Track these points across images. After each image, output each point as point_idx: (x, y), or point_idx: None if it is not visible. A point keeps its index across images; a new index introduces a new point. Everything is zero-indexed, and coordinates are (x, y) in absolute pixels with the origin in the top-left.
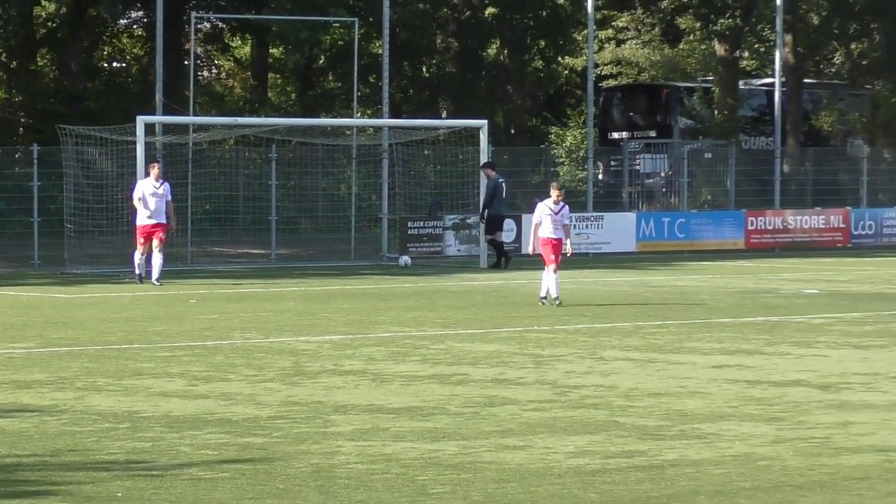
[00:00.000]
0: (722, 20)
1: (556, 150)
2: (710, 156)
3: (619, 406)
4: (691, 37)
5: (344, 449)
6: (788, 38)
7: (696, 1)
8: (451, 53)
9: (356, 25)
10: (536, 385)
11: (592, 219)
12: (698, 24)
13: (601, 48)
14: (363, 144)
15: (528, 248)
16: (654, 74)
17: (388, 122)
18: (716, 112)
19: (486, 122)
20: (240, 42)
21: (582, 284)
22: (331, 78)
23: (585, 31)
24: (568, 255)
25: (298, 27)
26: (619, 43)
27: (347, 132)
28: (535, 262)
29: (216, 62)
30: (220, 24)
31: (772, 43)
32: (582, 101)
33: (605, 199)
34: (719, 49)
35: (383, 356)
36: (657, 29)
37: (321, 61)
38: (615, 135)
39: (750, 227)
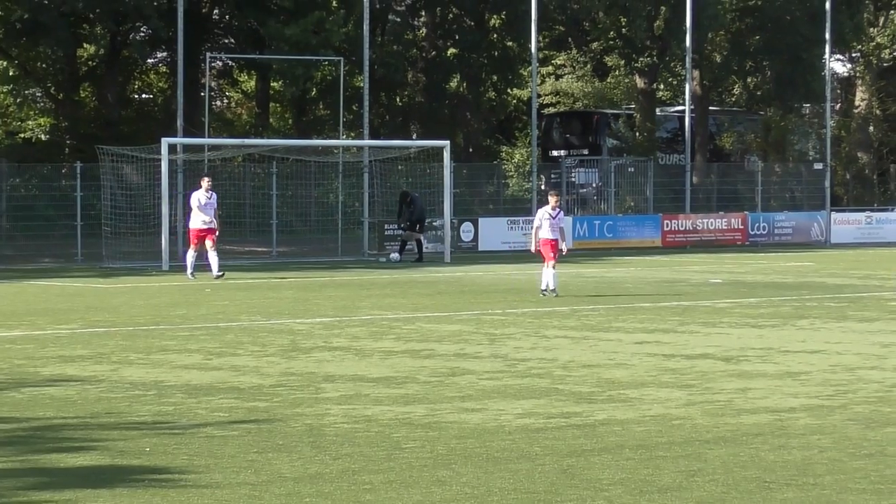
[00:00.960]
0: (641, 58)
1: (506, 166)
2: (632, 170)
3: (558, 375)
4: (617, 72)
5: (332, 411)
6: (696, 73)
7: (621, 43)
8: (420, 86)
9: (342, 63)
10: (491, 358)
11: (526, 222)
12: (622, 62)
13: (543, 82)
14: (348, 161)
15: (532, 249)
16: (587, 103)
17: (368, 142)
18: (637, 134)
19: (448, 142)
20: (246, 77)
21: (528, 276)
22: (321, 106)
23: (530, 68)
24: (564, 252)
25: (295, 65)
26: (557, 77)
27: (335, 151)
28: (485, 258)
29: (227, 94)
30: (230, 62)
31: (682, 77)
32: (527, 126)
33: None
34: (639, 82)
35: (365, 335)
36: (589, 66)
37: (313, 93)
38: (555, 153)
39: (666, 229)
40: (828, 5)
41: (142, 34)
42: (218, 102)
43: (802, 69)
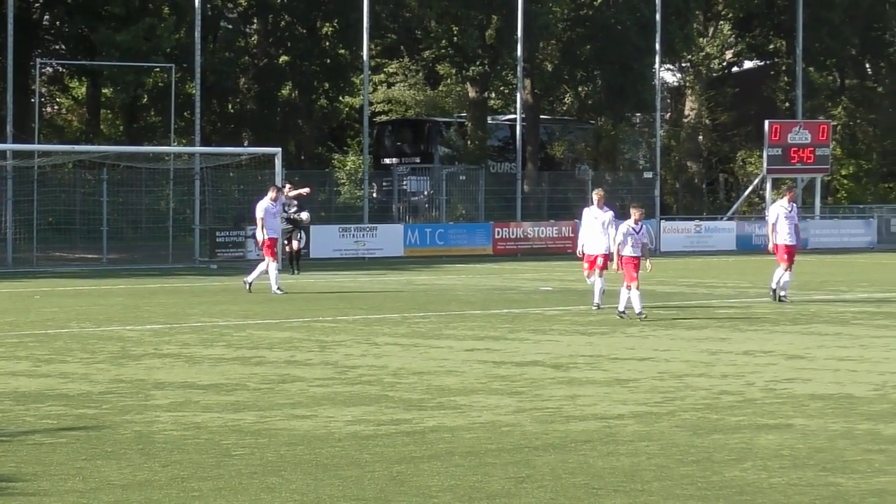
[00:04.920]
0: (473, 67)
1: (338, 173)
2: (464, 178)
3: (388, 382)
4: (448, 81)
5: (162, 418)
6: (527, 82)
7: (452, 51)
8: (252, 93)
9: (173, 70)
10: (321, 365)
11: (367, 229)
12: (454, 71)
13: (375, 89)
14: (179, 168)
15: (613, 266)
16: (419, 111)
17: (199, 149)
18: (468, 142)
19: (280, 149)
20: (77, 83)
21: (359, 283)
22: (152, 113)
23: (362, 76)
24: (648, 270)
25: (125, 71)
26: (389, 85)
27: (166, 158)
28: (316, 265)
29: (58, 100)
30: (60, 68)
31: (514, 86)
32: (359, 133)
33: (378, 213)
34: (471, 91)
35: (195, 342)
36: (420, 74)
37: (144, 99)
38: (387, 160)
39: (497, 236)
40: (658, 16)
41: None
42: (48, 108)
43: (633, 79)
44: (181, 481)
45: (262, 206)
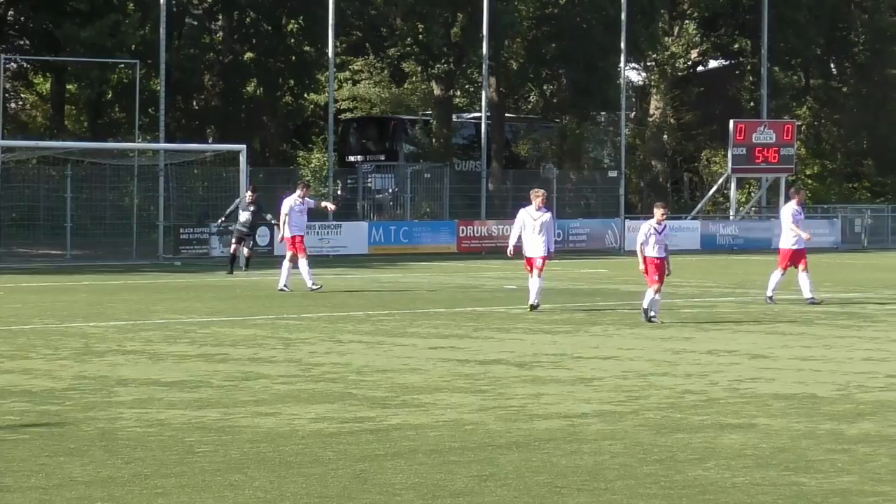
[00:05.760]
0: (438, 65)
1: (303, 171)
2: (429, 176)
3: (352, 380)
4: (414, 78)
5: (125, 415)
6: (493, 80)
7: (418, 49)
8: (217, 90)
9: (138, 67)
10: (285, 363)
11: (332, 226)
12: (419, 69)
13: (340, 87)
14: (143, 164)
15: (640, 268)
16: (384, 109)
17: (164, 146)
18: (433, 140)
19: (245, 146)
20: (42, 79)
21: (323, 280)
22: (117, 109)
23: (327, 73)
24: (669, 273)
25: (90, 67)
26: (355, 83)
27: (130, 154)
28: (280, 262)
29: (22, 95)
30: (25, 63)
31: (479, 84)
32: (324, 131)
33: (343, 210)
34: (436, 89)
35: (159, 339)
36: (386, 72)
37: (109, 96)
38: (351, 158)
39: (461, 235)
40: (623, 15)
41: None
42: (13, 104)
43: (598, 78)
44: (144, 478)
45: (288, 203)
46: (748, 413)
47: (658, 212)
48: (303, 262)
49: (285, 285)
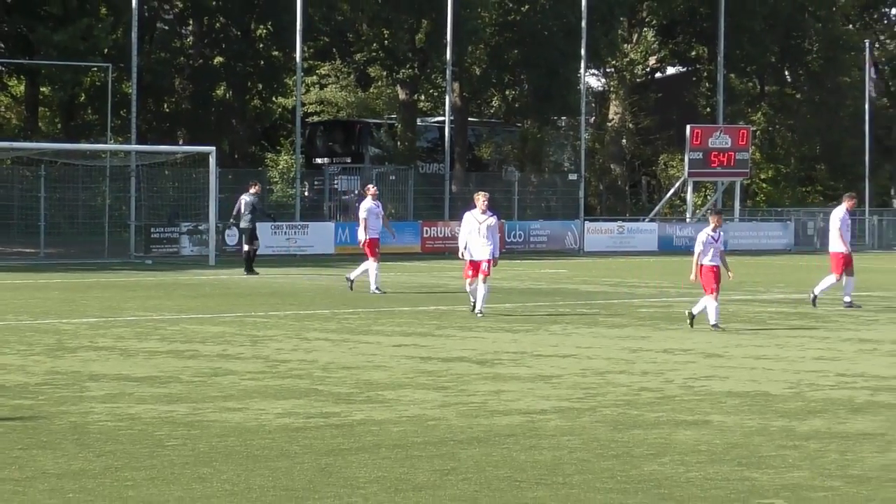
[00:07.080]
0: (403, 70)
1: (271, 172)
2: (394, 178)
3: (318, 376)
4: (379, 83)
5: (96, 410)
6: (456, 85)
7: (383, 54)
8: (187, 93)
9: (110, 70)
10: (253, 359)
11: (299, 227)
12: (384, 73)
13: (308, 91)
14: (115, 165)
15: (691, 277)
16: (350, 112)
17: (135, 147)
18: (398, 143)
19: (214, 148)
20: (16, 81)
21: (290, 279)
22: (90, 111)
23: (295, 77)
24: (731, 279)
25: (63, 70)
26: (322, 87)
27: (102, 155)
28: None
29: None
30: None
31: (443, 89)
32: (292, 133)
33: (310, 211)
34: (401, 93)
35: (130, 335)
36: (352, 76)
37: (82, 98)
38: (318, 160)
39: (425, 235)
40: (584, 22)
41: None
42: None
43: (559, 83)
44: (115, 471)
45: (366, 207)
46: (702, 410)
47: (714, 220)
48: (373, 266)
49: (377, 287)
